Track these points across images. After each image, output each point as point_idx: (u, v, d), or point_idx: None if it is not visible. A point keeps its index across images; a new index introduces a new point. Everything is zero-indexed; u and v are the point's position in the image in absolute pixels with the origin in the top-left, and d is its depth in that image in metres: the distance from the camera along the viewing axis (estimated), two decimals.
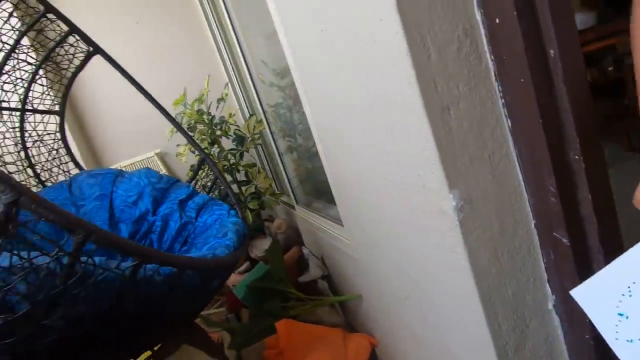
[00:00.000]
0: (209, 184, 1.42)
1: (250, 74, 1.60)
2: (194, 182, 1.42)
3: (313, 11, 0.67)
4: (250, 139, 1.69)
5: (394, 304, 0.79)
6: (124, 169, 2.07)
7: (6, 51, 1.14)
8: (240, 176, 1.70)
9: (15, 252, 0.50)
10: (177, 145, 1.91)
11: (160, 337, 0.85)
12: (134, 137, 2.18)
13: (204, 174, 1.48)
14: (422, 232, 0.57)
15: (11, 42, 1.15)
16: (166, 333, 0.85)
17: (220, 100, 1.79)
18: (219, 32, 2.16)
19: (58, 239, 0.54)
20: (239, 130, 1.74)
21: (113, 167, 2.10)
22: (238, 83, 2.16)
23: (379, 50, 0.50)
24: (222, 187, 1.40)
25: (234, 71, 2.18)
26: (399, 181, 0.56)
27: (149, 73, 1.44)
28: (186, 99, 1.72)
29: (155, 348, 0.89)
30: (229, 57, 2.18)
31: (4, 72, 1.15)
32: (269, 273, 1.41)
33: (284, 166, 1.64)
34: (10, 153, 1.22)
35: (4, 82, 1.16)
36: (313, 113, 0.89)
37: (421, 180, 0.51)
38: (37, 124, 1.26)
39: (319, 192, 1.59)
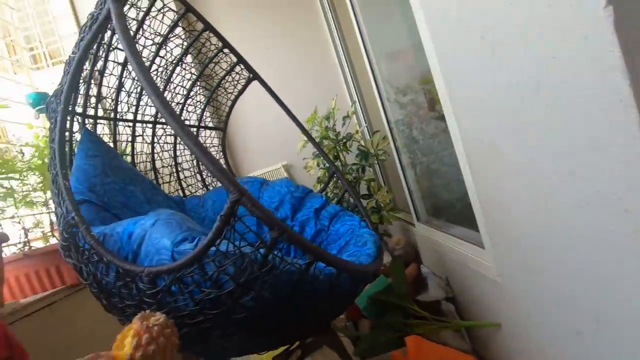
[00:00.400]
0: (337, 195, 1.52)
1: (379, 92, 1.67)
2: (323, 193, 1.53)
3: (472, 19, 0.69)
4: (373, 154, 1.75)
5: (554, 339, 0.73)
6: None
7: (192, 80, 1.44)
8: (361, 190, 1.77)
9: (232, 240, 0.63)
10: (304, 159, 2.09)
11: (310, 333, 0.94)
12: (265, 150, 2.46)
13: (333, 185, 1.59)
14: (614, 257, 0.52)
15: (196, 72, 1.45)
16: (315, 329, 0.93)
17: (346, 117, 1.91)
18: (344, 54, 2.32)
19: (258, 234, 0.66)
20: (362, 146, 1.82)
21: (242, 177, 2.39)
22: (359, 101, 2.27)
23: (581, 66, 0.48)
24: (349, 199, 1.49)
25: (355, 90, 2.31)
26: (587, 203, 0.53)
27: (280, 94, 1.64)
28: (316, 116, 1.88)
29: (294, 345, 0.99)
30: (352, 78, 2.32)
31: (189, 96, 1.44)
32: (391, 287, 1.43)
33: (406, 182, 1.65)
34: (187, 161, 1.52)
35: (188, 105, 1.46)
36: (460, 128, 0.89)
37: (623, 202, 0.47)
38: (206, 138, 1.54)
39: (446, 210, 1.55)
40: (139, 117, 1.34)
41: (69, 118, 0.89)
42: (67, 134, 0.92)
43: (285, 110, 1.46)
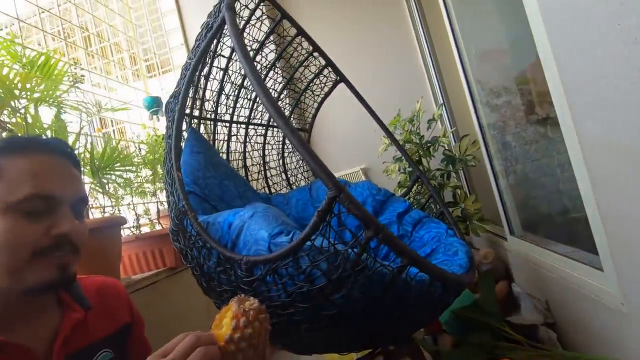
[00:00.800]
0: (421, 200, 1.46)
1: (470, 93, 1.56)
2: (405, 198, 1.48)
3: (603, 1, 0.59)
4: (460, 159, 1.64)
5: None
6: None
7: (283, 84, 1.51)
8: (445, 197, 1.67)
9: (327, 236, 0.64)
10: (383, 163, 2.05)
11: (393, 340, 0.91)
12: (344, 153, 2.48)
13: (415, 191, 1.53)
14: None
15: (285, 76, 1.52)
16: (398, 337, 0.90)
17: (431, 120, 1.82)
18: (430, 56, 2.23)
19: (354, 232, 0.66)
20: (449, 150, 1.73)
21: None
22: (444, 104, 2.16)
23: None
24: (432, 206, 1.42)
25: (441, 93, 2.20)
26: None
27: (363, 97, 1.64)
28: (400, 119, 1.83)
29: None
30: (437, 80, 2.22)
31: (279, 99, 1.51)
32: (477, 304, 1.32)
33: (499, 191, 1.52)
34: (274, 161, 1.59)
35: None
36: (581, 131, 0.78)
37: None
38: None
39: (546, 224, 1.39)
40: (234, 119, 1.45)
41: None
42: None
43: (370, 113, 1.45)
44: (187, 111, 1.21)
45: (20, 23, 1.62)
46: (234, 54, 1.29)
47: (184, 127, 1.23)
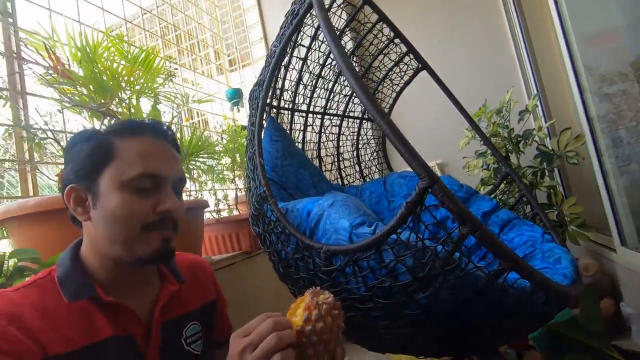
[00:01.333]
0: (509, 201, 1.32)
1: (578, 82, 1.36)
2: (491, 196, 1.35)
3: None
4: (559, 156, 1.45)
5: None
6: None
7: (361, 73, 1.47)
8: (538, 198, 1.49)
9: (414, 230, 0.59)
10: (463, 158, 1.90)
11: (477, 349, 0.83)
12: (419, 147, 2.33)
13: (500, 191, 1.39)
14: None
15: (365, 65, 1.47)
16: (484, 347, 0.82)
17: (524, 112, 1.64)
18: (524, 42, 2.00)
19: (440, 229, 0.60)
20: (544, 146, 1.53)
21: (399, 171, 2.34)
22: (539, 94, 1.92)
23: None
24: (521, 208, 1.27)
25: (536, 82, 1.96)
26: None
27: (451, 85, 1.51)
28: (486, 110, 1.67)
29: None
30: (532, 68, 1.98)
31: None
32: (576, 321, 1.15)
33: (609, 194, 1.30)
34: (347, 152, 1.57)
35: (354, 97, 1.50)
36: None
37: None
38: (367, 129, 1.56)
39: None
40: (310, 109, 1.45)
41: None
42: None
43: (454, 102, 1.33)
44: (267, 101, 1.23)
45: (127, 24, 1.81)
46: (314, 43, 1.29)
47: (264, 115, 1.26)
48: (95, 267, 0.58)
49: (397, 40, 1.36)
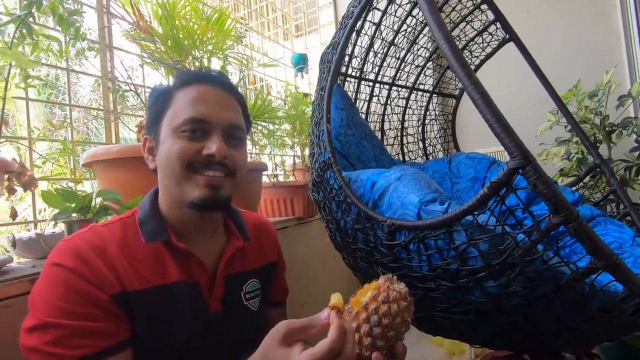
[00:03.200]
0: (594, 196, 1.17)
1: None
2: (573, 188, 1.21)
3: None
4: None
5: None
6: None
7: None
8: (631, 197, 1.31)
9: (495, 214, 0.54)
10: (541, 144, 1.72)
11: (541, 349, 0.77)
12: (487, 127, 2.17)
13: (586, 182, 1.24)
14: None
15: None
16: (550, 348, 0.76)
17: (624, 97, 1.42)
18: (636, 13, 1.71)
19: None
20: None
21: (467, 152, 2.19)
22: None
23: None
24: (613, 205, 1.12)
25: None
26: None
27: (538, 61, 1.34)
28: (577, 92, 1.48)
29: None
30: None
31: (431, 59, 1.38)
32: None
33: None
34: (412, 127, 1.49)
35: (427, 68, 1.40)
36: None
37: None
38: (436, 105, 1.46)
39: None
40: (378, 78, 1.39)
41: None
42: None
43: (543, 81, 1.19)
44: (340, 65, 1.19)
45: None
46: (391, 6, 1.20)
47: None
48: (167, 213, 0.61)
49: (483, 7, 1.22)
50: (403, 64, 1.36)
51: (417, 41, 1.33)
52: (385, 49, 1.32)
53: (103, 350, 0.49)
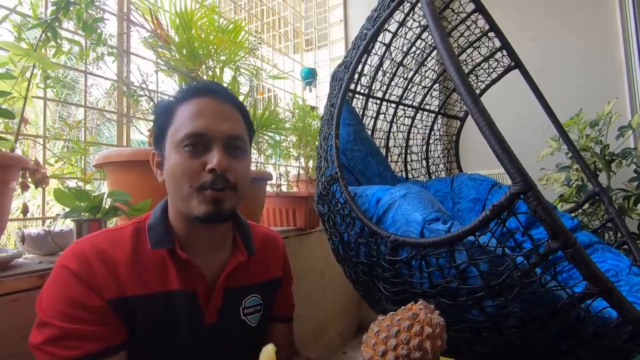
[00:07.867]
0: (593, 223, 1.19)
1: None
2: (572, 215, 1.23)
3: None
4: None
5: None
6: None
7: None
8: (631, 226, 1.33)
9: (496, 235, 0.56)
10: (541, 169, 1.75)
11: None
12: (488, 150, 2.21)
13: (585, 210, 1.26)
14: None
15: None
16: None
17: (625, 128, 1.45)
18: (638, 45, 1.76)
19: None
20: None
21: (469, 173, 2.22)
22: None
23: None
24: (610, 233, 1.14)
25: None
26: None
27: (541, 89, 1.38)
28: (579, 120, 1.51)
29: None
30: None
31: (437, 81, 1.41)
32: None
33: None
34: (417, 145, 1.52)
35: (433, 89, 1.44)
36: None
37: None
38: (441, 125, 1.49)
39: None
40: (386, 97, 1.42)
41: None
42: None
43: (545, 108, 1.23)
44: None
45: None
46: (401, 29, 1.25)
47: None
48: (174, 223, 0.62)
49: (491, 34, 1.27)
50: (410, 84, 1.40)
51: (425, 63, 1.37)
52: (394, 69, 1.36)
53: (94, 353, 0.51)
